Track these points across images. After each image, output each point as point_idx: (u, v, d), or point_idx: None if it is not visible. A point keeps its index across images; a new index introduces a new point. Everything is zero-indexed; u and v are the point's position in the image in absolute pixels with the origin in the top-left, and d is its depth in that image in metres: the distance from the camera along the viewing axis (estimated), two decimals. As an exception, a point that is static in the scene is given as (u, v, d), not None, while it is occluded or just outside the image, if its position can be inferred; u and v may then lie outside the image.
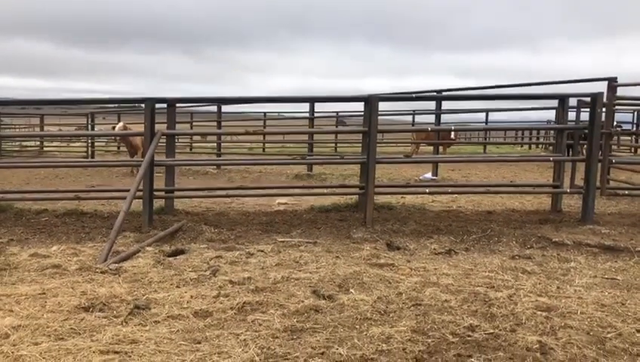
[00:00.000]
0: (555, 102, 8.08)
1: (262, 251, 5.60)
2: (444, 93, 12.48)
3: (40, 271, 4.86)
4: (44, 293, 4.21)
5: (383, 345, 3.27)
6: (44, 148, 22.21)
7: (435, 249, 5.82)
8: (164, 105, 7.70)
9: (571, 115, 10.39)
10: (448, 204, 9.00)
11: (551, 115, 18.66)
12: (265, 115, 22.15)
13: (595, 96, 7.45)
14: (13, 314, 3.77)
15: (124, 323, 3.65)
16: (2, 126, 22.67)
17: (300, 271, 4.91)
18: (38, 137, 22.65)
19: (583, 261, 5.47)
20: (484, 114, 20.36)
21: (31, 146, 22.84)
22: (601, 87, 8.13)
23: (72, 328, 3.54)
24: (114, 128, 14.23)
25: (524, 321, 3.71)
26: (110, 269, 4.89)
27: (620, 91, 8.57)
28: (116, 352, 3.18)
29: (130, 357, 3.12)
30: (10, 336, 3.39)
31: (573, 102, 8.97)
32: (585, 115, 8.35)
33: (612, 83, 8.26)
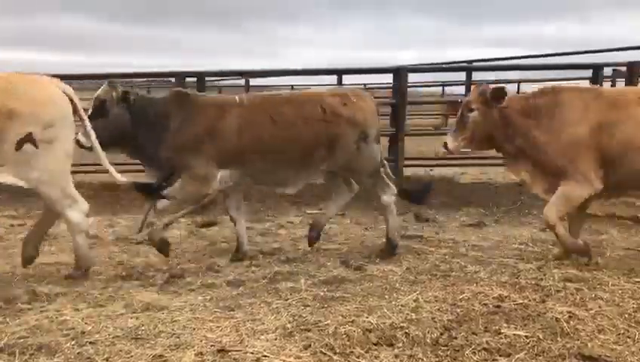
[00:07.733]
0: (589, 72, 7.85)
1: (291, 223, 5.69)
2: (474, 64, 12.27)
3: (78, 242, 5.01)
4: (84, 262, 4.36)
5: (412, 314, 3.32)
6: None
7: (464, 221, 5.82)
8: (194, 80, 7.77)
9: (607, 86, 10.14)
10: (478, 176, 8.92)
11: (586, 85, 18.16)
12: (292, 89, 22.05)
13: (632, 65, 7.24)
14: (55, 282, 3.94)
15: (159, 292, 3.78)
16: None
17: (329, 242, 4.98)
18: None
19: (616, 233, 5.41)
20: (516, 85, 19.91)
21: (64, 121, 23.17)
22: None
23: (110, 295, 3.69)
24: None
25: (553, 293, 3.70)
26: (145, 240, 5.02)
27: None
28: (153, 318, 3.30)
29: (166, 323, 3.23)
30: (53, 302, 3.56)
31: (608, 71, 8.73)
32: (621, 85, 8.14)
33: (650, 51, 8.01)
